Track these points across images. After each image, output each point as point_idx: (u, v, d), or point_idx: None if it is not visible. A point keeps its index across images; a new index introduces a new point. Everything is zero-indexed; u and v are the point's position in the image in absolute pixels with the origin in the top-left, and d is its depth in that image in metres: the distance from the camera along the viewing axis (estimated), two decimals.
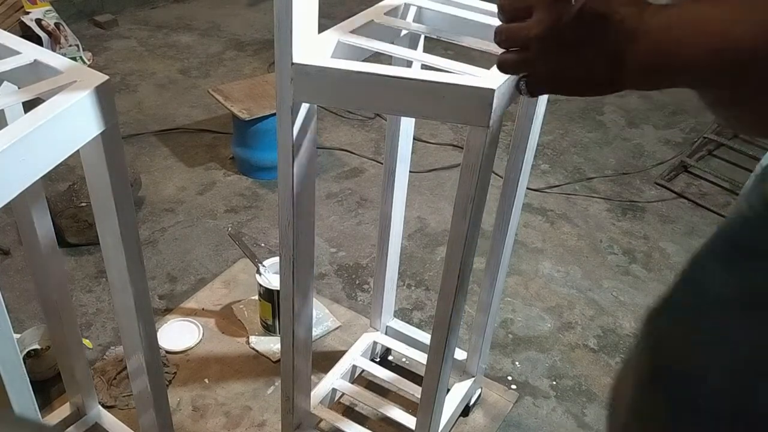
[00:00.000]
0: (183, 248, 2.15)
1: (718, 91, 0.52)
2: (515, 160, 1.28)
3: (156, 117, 2.86)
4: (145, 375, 1.20)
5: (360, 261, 2.15)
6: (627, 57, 0.54)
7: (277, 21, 0.91)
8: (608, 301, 2.05)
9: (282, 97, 0.99)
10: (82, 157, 0.96)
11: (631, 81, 0.56)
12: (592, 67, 0.57)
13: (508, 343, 1.88)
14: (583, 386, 1.77)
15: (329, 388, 1.58)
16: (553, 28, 0.57)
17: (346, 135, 2.81)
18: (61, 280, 1.25)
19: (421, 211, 2.38)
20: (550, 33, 0.57)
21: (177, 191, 2.42)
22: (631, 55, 0.54)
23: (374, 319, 1.74)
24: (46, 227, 1.18)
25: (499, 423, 1.66)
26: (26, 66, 0.92)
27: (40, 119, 0.81)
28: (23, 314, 1.86)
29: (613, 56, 0.55)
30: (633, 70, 0.54)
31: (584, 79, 0.59)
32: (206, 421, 1.61)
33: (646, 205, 2.50)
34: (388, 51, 1.05)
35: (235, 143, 2.49)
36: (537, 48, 0.58)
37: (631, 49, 0.54)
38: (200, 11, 3.93)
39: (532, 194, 2.49)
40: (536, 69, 0.61)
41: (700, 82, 0.53)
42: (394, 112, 1.28)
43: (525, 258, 2.20)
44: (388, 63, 1.02)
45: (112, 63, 3.28)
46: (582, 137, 2.91)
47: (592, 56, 0.56)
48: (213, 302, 1.95)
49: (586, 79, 0.59)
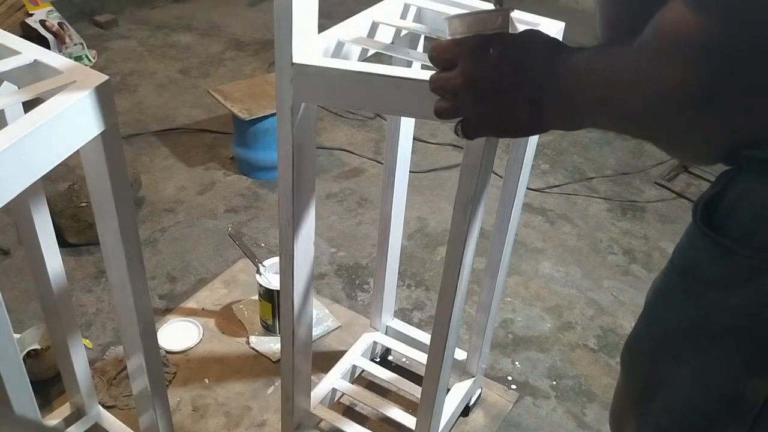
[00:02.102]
0: (183, 248, 2.15)
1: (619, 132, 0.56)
2: (515, 160, 1.28)
3: (156, 117, 2.86)
4: (145, 375, 1.20)
5: (360, 261, 2.15)
6: (543, 102, 0.56)
7: (277, 21, 0.92)
8: (608, 301, 2.05)
9: (282, 97, 0.99)
10: (82, 157, 0.96)
11: (552, 123, 0.59)
12: (515, 111, 0.59)
13: (508, 343, 1.88)
14: (583, 386, 1.77)
15: (329, 388, 1.58)
16: (474, 77, 0.59)
17: (346, 135, 2.81)
18: (61, 280, 1.25)
19: (421, 211, 2.38)
20: (472, 82, 0.59)
21: (177, 191, 2.42)
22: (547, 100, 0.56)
23: (374, 319, 1.74)
24: (46, 227, 1.18)
25: (499, 423, 1.66)
26: (26, 66, 0.92)
27: (40, 119, 0.81)
28: (23, 314, 1.86)
29: (530, 101, 0.57)
30: (550, 114, 0.57)
31: (511, 123, 0.62)
32: (206, 421, 1.61)
33: (646, 205, 2.50)
34: (388, 51, 1.05)
35: (235, 143, 2.49)
36: (463, 96, 0.61)
37: (545, 94, 0.56)
38: (200, 11, 3.93)
39: (532, 194, 2.49)
40: (466, 115, 0.63)
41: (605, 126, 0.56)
42: (394, 112, 1.28)
43: (525, 258, 2.20)
44: (388, 63, 1.02)
45: (112, 63, 3.28)
46: (582, 137, 2.91)
47: (513, 102, 0.58)
48: (213, 302, 1.95)
49: (512, 123, 0.61)
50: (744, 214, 0.57)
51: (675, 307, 0.65)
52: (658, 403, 0.69)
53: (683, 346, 0.64)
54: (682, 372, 0.64)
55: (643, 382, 0.71)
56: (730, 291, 0.58)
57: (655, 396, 0.69)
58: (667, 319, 0.67)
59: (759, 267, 0.56)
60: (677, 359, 0.65)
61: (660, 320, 0.68)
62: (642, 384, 0.71)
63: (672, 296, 0.66)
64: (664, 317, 0.67)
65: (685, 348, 0.64)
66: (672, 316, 0.66)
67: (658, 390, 0.68)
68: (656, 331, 0.69)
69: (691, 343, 0.63)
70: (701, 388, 0.63)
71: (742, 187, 0.58)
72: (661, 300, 0.68)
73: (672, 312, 0.66)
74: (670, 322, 0.66)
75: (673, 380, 0.66)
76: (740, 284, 0.58)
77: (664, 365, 0.67)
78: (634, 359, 0.73)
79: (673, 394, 0.66)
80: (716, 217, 0.60)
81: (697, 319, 0.62)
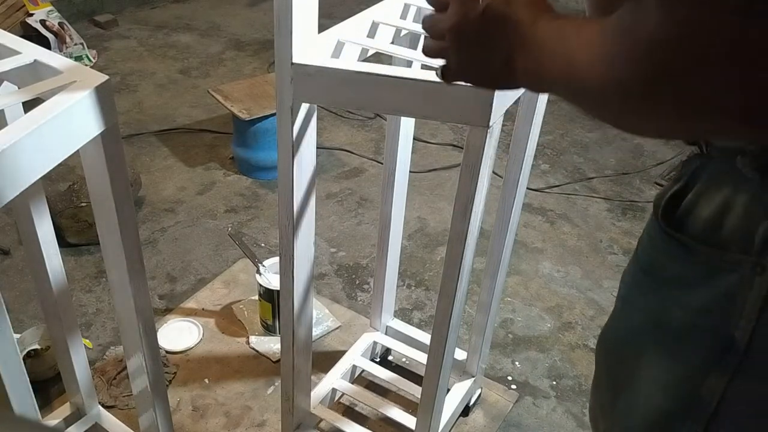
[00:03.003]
0: (183, 248, 2.15)
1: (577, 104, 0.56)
2: (515, 160, 1.28)
3: (156, 117, 2.86)
4: (145, 375, 1.20)
5: (360, 261, 2.15)
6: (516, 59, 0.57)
7: (277, 21, 0.92)
8: (608, 301, 2.04)
9: (282, 97, 0.99)
10: (82, 157, 0.96)
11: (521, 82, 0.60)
12: (491, 64, 0.60)
13: (508, 343, 1.88)
14: (583, 386, 1.77)
15: (329, 388, 1.58)
16: (461, 23, 0.59)
17: (346, 135, 2.81)
18: (61, 280, 1.25)
19: (421, 211, 2.38)
20: (458, 27, 0.60)
21: (177, 191, 2.42)
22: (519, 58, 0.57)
23: (374, 319, 1.74)
24: (46, 227, 1.18)
25: (499, 423, 1.66)
26: (26, 66, 0.92)
27: (40, 119, 0.81)
28: (23, 314, 1.86)
29: (506, 57, 0.58)
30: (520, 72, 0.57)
31: (485, 76, 0.63)
32: (206, 421, 1.61)
33: (646, 205, 2.50)
34: (388, 51, 1.05)
35: (235, 143, 2.49)
36: (449, 39, 0.61)
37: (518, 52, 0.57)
38: (200, 11, 3.93)
39: (532, 194, 2.49)
40: (449, 58, 0.64)
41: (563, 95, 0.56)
42: (394, 112, 1.28)
43: (525, 258, 2.20)
44: (388, 63, 1.02)
45: (112, 63, 3.28)
46: (582, 137, 2.91)
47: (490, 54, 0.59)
48: (213, 302, 1.95)
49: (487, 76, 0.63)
50: (705, 210, 0.58)
51: (640, 303, 0.66)
52: (623, 401, 0.69)
53: (646, 343, 0.65)
54: (645, 370, 0.65)
55: (612, 379, 0.72)
56: (690, 289, 0.59)
57: (621, 394, 0.69)
58: (633, 315, 0.67)
59: (718, 265, 0.57)
60: (641, 357, 0.65)
61: (627, 316, 0.69)
62: (611, 381, 0.72)
63: (637, 292, 0.67)
64: (630, 314, 0.68)
65: (648, 345, 0.65)
66: (637, 312, 0.67)
67: (623, 388, 0.69)
68: (623, 327, 0.70)
69: (653, 340, 0.64)
70: (661, 386, 0.63)
71: (705, 181, 0.58)
72: (628, 296, 0.69)
73: (637, 308, 0.67)
74: (635, 319, 0.67)
75: (637, 379, 0.66)
76: (699, 282, 0.58)
77: (629, 363, 0.67)
78: (605, 355, 0.74)
79: (636, 392, 0.67)
80: (678, 213, 0.60)
81: (659, 316, 0.63)
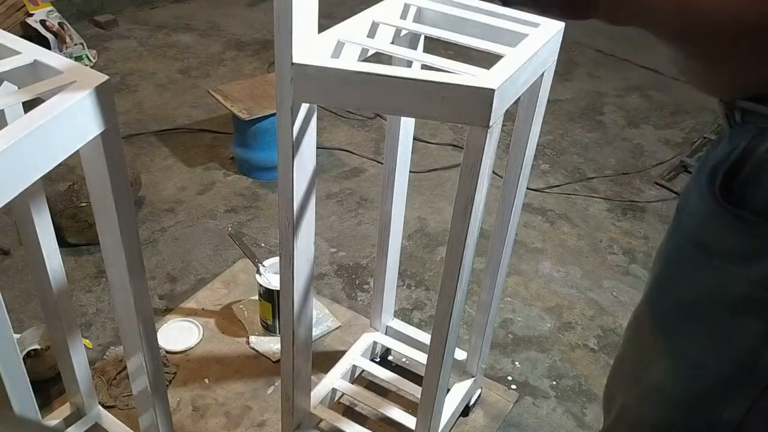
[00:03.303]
0: (183, 248, 2.15)
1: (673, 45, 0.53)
2: (515, 160, 1.28)
3: (156, 117, 2.86)
4: (145, 375, 1.20)
5: (360, 261, 2.15)
6: None
7: (277, 21, 0.91)
8: (608, 301, 2.04)
9: (282, 97, 0.99)
10: (82, 157, 0.96)
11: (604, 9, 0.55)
12: None
13: (508, 343, 1.88)
14: (583, 386, 1.77)
15: (329, 388, 1.58)
16: None
17: (346, 135, 2.81)
18: (61, 280, 1.25)
19: (421, 211, 2.38)
20: None
21: (177, 191, 2.42)
22: None
23: (374, 319, 1.74)
24: (46, 227, 1.18)
25: (499, 423, 1.66)
26: (26, 66, 0.92)
27: (40, 119, 0.81)
28: (23, 314, 1.86)
29: None
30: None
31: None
32: (206, 421, 1.61)
33: (646, 205, 2.50)
34: (388, 51, 1.05)
35: (235, 143, 2.49)
36: None
37: None
38: (200, 11, 3.93)
39: (532, 194, 2.49)
40: None
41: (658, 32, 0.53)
42: (394, 112, 1.28)
43: (525, 258, 2.20)
44: (388, 63, 1.02)
45: (112, 63, 3.28)
46: (582, 137, 2.91)
47: None
48: (213, 302, 1.95)
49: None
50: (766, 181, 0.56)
51: (690, 277, 0.65)
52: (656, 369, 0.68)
53: (699, 315, 0.64)
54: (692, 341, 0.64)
55: (643, 351, 0.71)
56: (750, 263, 0.58)
57: (653, 363, 0.69)
58: (682, 289, 0.66)
59: None
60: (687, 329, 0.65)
61: (673, 290, 0.67)
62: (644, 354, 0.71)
63: (686, 267, 0.65)
64: (678, 287, 0.66)
65: (701, 317, 0.64)
66: (687, 286, 0.65)
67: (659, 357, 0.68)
68: (668, 300, 0.68)
69: (709, 312, 0.63)
70: (716, 354, 0.63)
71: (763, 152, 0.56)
72: (674, 270, 0.67)
73: (686, 283, 0.65)
74: (685, 293, 0.65)
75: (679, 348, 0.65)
76: (760, 256, 0.57)
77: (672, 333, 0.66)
78: (640, 327, 0.72)
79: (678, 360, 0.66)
80: (735, 187, 0.58)
81: (714, 289, 0.62)
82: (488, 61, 0.97)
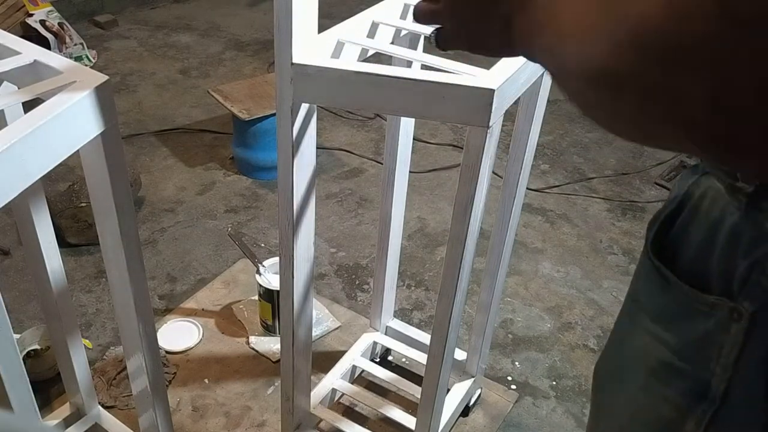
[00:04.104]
0: (183, 248, 2.15)
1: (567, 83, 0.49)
2: (515, 160, 1.28)
3: (156, 117, 2.86)
4: (145, 375, 1.20)
5: (360, 261, 2.15)
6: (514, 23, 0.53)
7: (277, 21, 0.91)
8: (608, 301, 2.04)
9: (282, 97, 0.99)
10: (82, 157, 0.96)
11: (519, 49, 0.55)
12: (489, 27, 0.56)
13: (508, 343, 1.88)
14: (583, 386, 1.77)
15: (329, 388, 1.58)
16: None
17: (346, 135, 2.81)
18: (61, 280, 1.25)
19: (421, 211, 2.38)
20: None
21: (177, 191, 2.42)
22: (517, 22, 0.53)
23: (374, 319, 1.74)
24: (46, 227, 1.18)
25: (499, 423, 1.66)
26: (26, 66, 0.92)
27: (40, 119, 0.81)
28: (23, 314, 1.86)
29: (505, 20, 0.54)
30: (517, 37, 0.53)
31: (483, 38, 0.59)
32: (206, 421, 1.61)
33: (646, 205, 2.50)
34: (388, 51, 1.05)
35: (235, 143, 2.49)
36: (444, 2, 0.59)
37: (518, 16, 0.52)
38: (200, 11, 3.93)
39: (532, 194, 2.49)
40: (444, 22, 0.61)
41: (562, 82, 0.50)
42: (394, 112, 1.28)
43: (525, 258, 2.20)
44: (388, 63, 1.02)
45: (112, 63, 3.28)
46: (582, 137, 2.91)
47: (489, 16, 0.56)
48: (213, 302, 1.95)
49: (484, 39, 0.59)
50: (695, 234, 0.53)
51: (624, 333, 0.63)
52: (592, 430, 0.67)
53: (627, 375, 0.61)
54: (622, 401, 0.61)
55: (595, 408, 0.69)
56: (671, 326, 0.54)
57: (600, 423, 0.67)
58: (618, 345, 0.64)
59: (697, 307, 0.51)
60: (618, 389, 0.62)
61: (613, 345, 0.66)
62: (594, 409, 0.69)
63: (623, 321, 0.63)
64: (616, 343, 0.65)
65: (628, 378, 0.61)
66: (621, 343, 0.63)
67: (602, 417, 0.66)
68: (609, 356, 0.66)
69: (634, 373, 0.60)
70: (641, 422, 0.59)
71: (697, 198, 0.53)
72: (617, 324, 0.65)
73: (621, 338, 0.63)
74: (620, 349, 0.63)
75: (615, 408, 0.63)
76: (679, 321, 0.53)
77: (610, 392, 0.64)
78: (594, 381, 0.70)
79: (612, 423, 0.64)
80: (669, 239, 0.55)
81: (639, 349, 0.58)
82: (488, 61, 0.96)
